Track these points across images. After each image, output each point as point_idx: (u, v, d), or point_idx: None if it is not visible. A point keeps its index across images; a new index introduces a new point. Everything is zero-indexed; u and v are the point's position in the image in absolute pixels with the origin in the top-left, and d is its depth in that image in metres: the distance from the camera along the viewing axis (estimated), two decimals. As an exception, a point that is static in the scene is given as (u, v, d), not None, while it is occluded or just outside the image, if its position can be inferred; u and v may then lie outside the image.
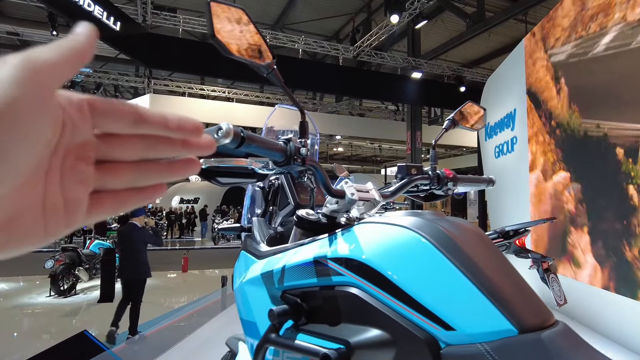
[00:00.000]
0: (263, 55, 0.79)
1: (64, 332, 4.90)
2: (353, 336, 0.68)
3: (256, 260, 0.95)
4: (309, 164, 0.79)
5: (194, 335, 3.57)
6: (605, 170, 3.53)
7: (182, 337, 3.50)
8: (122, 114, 0.26)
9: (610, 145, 3.44)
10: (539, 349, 0.59)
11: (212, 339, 3.44)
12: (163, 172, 0.29)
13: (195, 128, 0.29)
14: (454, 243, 0.68)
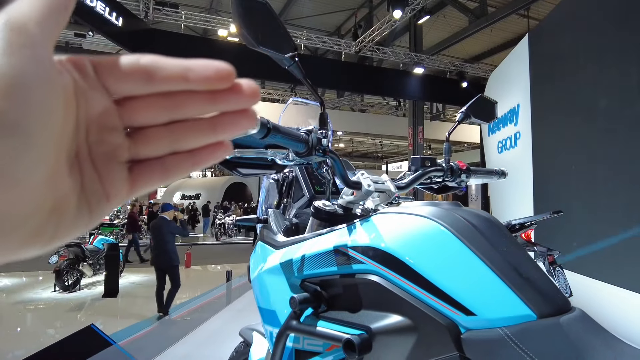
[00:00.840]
0: (285, 47, 0.80)
1: (69, 326, 4.95)
2: (374, 322, 0.70)
3: (274, 250, 0.96)
4: (329, 154, 0.80)
5: (200, 329, 3.61)
6: None
7: (188, 332, 3.53)
8: (129, 72, 0.22)
9: None
10: (557, 333, 0.61)
11: (219, 332, 3.47)
12: (206, 130, 0.25)
13: (222, 76, 0.23)
14: (472, 231, 0.70)
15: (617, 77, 3.49)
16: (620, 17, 3.44)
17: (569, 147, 4.18)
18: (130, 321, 4.92)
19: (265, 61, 5.51)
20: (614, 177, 3.48)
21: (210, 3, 12.39)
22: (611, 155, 3.50)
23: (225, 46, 10.88)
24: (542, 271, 0.70)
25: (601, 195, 3.62)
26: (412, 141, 13.72)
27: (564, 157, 4.29)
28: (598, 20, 3.76)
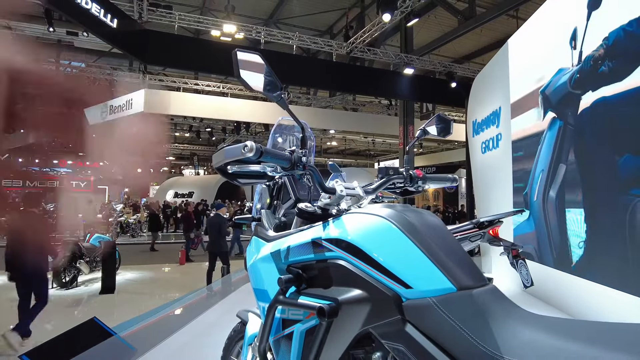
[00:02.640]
0: (273, 88, 1.03)
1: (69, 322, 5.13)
2: (340, 295, 0.93)
3: (265, 243, 1.19)
4: (308, 169, 1.03)
5: (198, 319, 3.81)
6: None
7: (186, 323, 3.74)
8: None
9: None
10: (470, 301, 0.85)
11: (216, 323, 3.68)
12: None
13: None
14: (413, 226, 0.93)
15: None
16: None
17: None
18: (128, 316, 5.12)
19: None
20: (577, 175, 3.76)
21: (203, 2, 12.51)
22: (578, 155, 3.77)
23: (218, 46, 11.03)
24: (466, 255, 0.94)
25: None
26: (403, 140, 13.96)
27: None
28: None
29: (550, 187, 4.20)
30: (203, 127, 22.30)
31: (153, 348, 3.38)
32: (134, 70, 15.67)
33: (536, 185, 4.53)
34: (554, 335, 0.74)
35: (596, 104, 3.47)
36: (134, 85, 14.28)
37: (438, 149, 27.24)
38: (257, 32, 11.41)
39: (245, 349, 1.49)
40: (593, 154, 3.56)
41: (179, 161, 38.55)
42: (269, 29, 11.95)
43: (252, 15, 13.03)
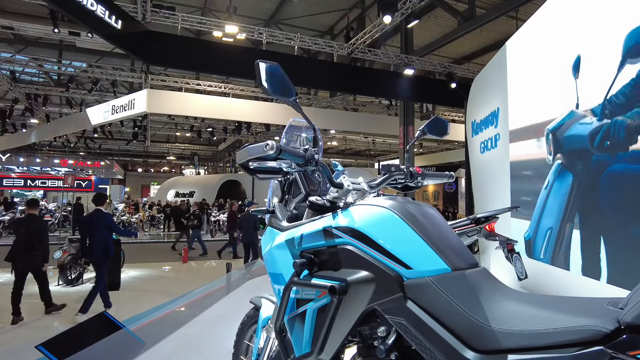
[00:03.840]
0: (289, 93, 1.16)
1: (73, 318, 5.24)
2: (349, 276, 1.06)
3: (280, 232, 1.32)
4: (319, 165, 1.16)
5: (205, 313, 3.94)
6: None
7: (193, 316, 3.86)
8: None
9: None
10: (463, 280, 0.97)
11: (224, 316, 3.80)
12: None
13: None
14: (413, 216, 1.06)
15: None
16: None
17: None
18: (134, 312, 5.25)
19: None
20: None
21: (204, 3, 12.63)
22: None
23: (220, 47, 11.16)
24: (459, 240, 1.07)
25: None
26: (403, 140, 14.09)
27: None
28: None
29: (561, 249, 3.51)
30: (204, 127, 22.44)
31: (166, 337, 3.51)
32: (136, 71, 15.80)
33: (543, 241, 3.76)
34: (531, 307, 0.87)
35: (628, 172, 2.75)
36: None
37: (438, 149, 27.38)
38: (259, 33, 11.53)
39: (259, 331, 1.62)
40: (617, 226, 2.88)
41: (179, 161, 38.73)
42: (271, 30, 12.07)
43: (253, 16, 13.15)
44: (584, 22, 3.27)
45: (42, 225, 5.56)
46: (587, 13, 3.26)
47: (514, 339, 0.82)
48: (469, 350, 0.87)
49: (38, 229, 5.24)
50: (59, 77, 16.67)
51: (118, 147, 31.30)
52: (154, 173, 40.33)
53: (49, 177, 30.18)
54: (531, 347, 0.80)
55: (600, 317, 0.74)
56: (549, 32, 4.25)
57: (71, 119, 18.06)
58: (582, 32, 3.24)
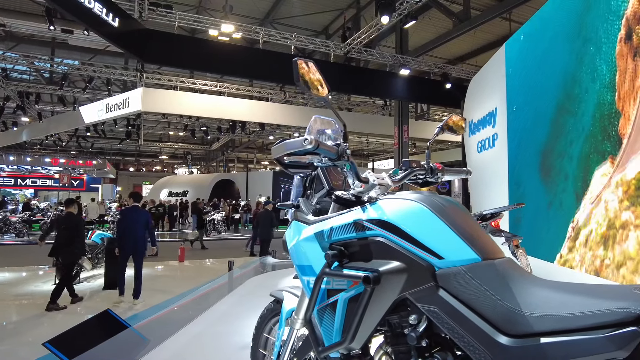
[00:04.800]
0: (323, 89, 1.19)
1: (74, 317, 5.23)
2: (381, 266, 1.10)
3: (306, 225, 1.36)
4: (350, 160, 1.20)
5: (209, 311, 3.95)
6: None
7: (198, 314, 3.88)
8: None
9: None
10: (492, 269, 1.02)
11: (228, 313, 3.82)
12: None
13: None
14: (441, 208, 1.11)
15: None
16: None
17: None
18: (133, 311, 5.24)
19: (254, 61, 6.18)
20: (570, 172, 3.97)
21: (200, 1, 12.60)
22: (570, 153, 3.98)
23: (217, 46, 11.15)
24: (484, 232, 1.12)
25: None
26: (397, 140, 14.16)
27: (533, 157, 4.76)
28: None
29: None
30: (198, 126, 22.35)
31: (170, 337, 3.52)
32: (129, 69, 15.70)
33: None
34: (561, 293, 0.92)
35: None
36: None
37: (431, 148, 27.48)
38: (256, 32, 11.54)
39: (281, 322, 1.65)
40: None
41: (172, 160, 38.50)
42: (268, 29, 12.08)
43: (248, 15, 13.14)
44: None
45: (80, 221, 6.10)
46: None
47: (546, 322, 0.87)
48: (502, 335, 0.91)
49: (76, 225, 5.85)
50: (51, 75, 16.51)
51: (110, 146, 31.05)
52: (146, 172, 40.04)
53: (39, 176, 29.87)
54: (564, 329, 0.84)
55: (631, 301, 0.79)
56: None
57: (64, 118, 17.90)
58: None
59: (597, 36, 3.74)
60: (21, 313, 5.48)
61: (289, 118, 15.97)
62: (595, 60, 3.75)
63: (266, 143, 30.35)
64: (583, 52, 3.95)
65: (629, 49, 3.37)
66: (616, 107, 3.50)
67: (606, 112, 3.60)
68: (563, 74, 4.28)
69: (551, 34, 4.57)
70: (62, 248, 5.78)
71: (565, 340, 0.83)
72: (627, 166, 3.29)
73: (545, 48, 4.64)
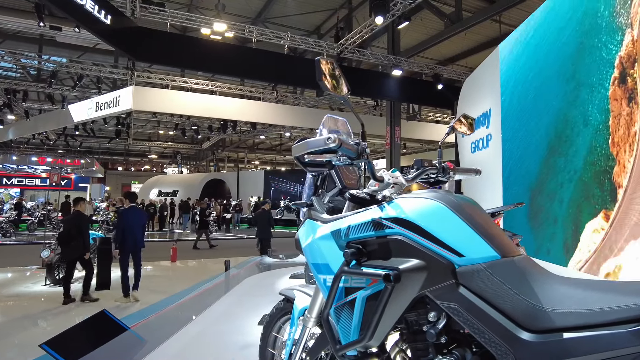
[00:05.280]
0: (343, 88, 1.20)
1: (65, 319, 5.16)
2: (401, 265, 1.11)
3: (322, 224, 1.36)
4: (369, 159, 1.21)
5: (207, 311, 3.93)
6: None
7: (196, 314, 3.85)
8: None
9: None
10: (512, 266, 1.03)
11: (227, 313, 3.80)
12: None
13: None
14: (460, 206, 1.12)
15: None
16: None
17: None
18: (127, 312, 5.18)
19: (246, 60, 6.17)
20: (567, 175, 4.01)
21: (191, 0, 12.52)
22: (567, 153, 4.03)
23: (209, 44, 11.08)
24: (501, 230, 1.13)
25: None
26: (389, 140, 14.22)
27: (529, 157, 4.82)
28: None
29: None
30: (189, 125, 22.19)
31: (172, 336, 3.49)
32: (119, 67, 15.52)
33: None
34: (581, 289, 0.94)
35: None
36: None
37: (421, 149, 27.77)
38: (249, 31, 11.50)
39: (293, 321, 1.64)
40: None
41: (161, 159, 38.15)
42: (261, 28, 12.05)
43: (240, 14, 13.09)
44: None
45: (81, 220, 6.18)
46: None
47: (568, 318, 0.88)
48: (523, 330, 0.93)
49: (77, 224, 5.97)
50: (38, 72, 16.25)
51: (99, 145, 30.66)
52: (135, 172, 39.64)
53: (26, 175, 29.38)
54: (587, 325, 0.86)
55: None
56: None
57: (52, 116, 17.64)
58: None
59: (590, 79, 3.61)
60: (8, 314, 5.39)
61: (281, 118, 15.94)
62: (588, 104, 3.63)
63: (257, 143, 30.26)
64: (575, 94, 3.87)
65: (622, 93, 3.21)
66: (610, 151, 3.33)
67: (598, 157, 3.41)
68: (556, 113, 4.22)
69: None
70: (63, 245, 6.03)
71: (589, 336, 0.85)
72: (624, 235, 3.05)
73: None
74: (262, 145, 31.50)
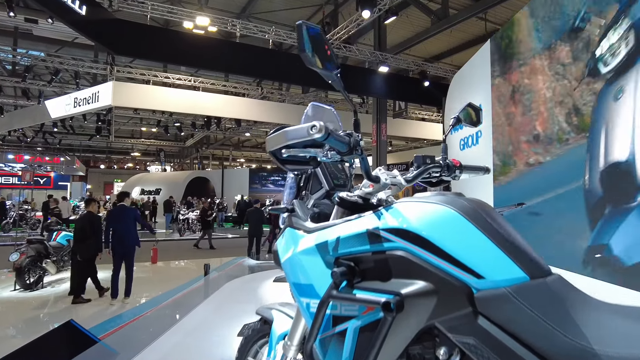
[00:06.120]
0: (331, 65, 0.97)
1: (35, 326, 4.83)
2: (403, 288, 0.87)
3: (305, 234, 1.12)
4: (363, 154, 0.98)
5: (185, 320, 3.66)
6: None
7: (172, 324, 3.58)
8: None
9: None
10: (546, 290, 0.81)
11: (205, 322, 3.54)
12: None
13: None
14: (476, 213, 0.89)
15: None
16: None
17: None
18: (101, 318, 4.86)
19: (229, 55, 5.80)
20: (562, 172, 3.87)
21: (174, -7, 12.14)
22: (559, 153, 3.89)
23: (191, 39, 10.72)
24: (527, 243, 0.91)
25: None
26: (375, 137, 14.07)
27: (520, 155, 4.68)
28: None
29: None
30: (172, 121, 21.69)
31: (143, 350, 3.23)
32: (99, 62, 15.01)
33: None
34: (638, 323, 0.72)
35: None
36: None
37: (406, 147, 27.73)
38: (232, 25, 11.17)
39: (271, 348, 1.41)
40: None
41: (144, 157, 37.39)
42: (245, 22, 11.73)
43: (224, 9, 12.75)
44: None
45: (93, 219, 6.12)
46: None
47: None
48: None
49: (89, 223, 5.96)
50: (13, 66, 15.62)
51: (80, 142, 29.86)
52: (118, 170, 38.80)
53: (2, 174, 28.45)
54: None
55: None
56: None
57: (28, 112, 17.00)
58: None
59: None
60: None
61: (266, 114, 15.62)
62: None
63: (242, 140, 29.81)
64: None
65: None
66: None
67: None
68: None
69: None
70: (78, 245, 6.07)
71: None
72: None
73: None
74: (247, 142, 31.05)
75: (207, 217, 12.25)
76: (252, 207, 10.14)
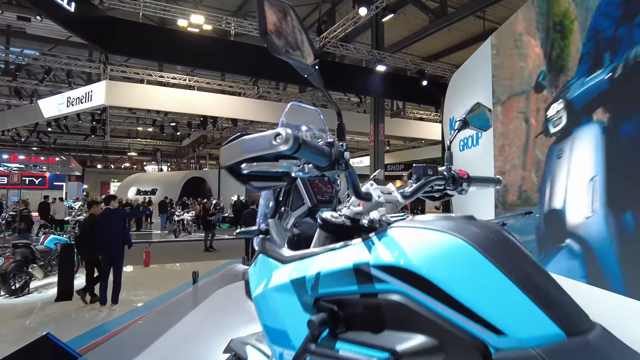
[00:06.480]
0: (306, 54, 0.76)
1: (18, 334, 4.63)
2: (399, 344, 0.67)
3: (280, 265, 0.91)
4: (350, 168, 0.77)
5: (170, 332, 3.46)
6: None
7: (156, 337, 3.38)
8: None
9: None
10: (589, 352, 0.61)
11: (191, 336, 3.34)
12: None
13: None
14: (493, 246, 0.68)
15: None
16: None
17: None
18: (88, 326, 4.65)
19: (225, 53, 5.49)
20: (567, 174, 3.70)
21: (169, -10, 11.92)
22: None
23: (186, 37, 10.50)
24: (560, 287, 0.70)
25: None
26: (373, 137, 13.90)
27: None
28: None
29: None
30: (167, 121, 21.45)
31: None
32: (93, 61, 14.77)
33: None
34: None
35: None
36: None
37: (404, 147, 27.53)
38: (227, 23, 10.96)
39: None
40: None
41: (141, 157, 37.10)
42: (239, 20, 11.51)
43: (219, 7, 12.55)
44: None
45: (94, 223, 5.98)
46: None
47: None
48: None
49: (89, 227, 5.92)
50: (6, 65, 15.37)
51: (75, 142, 29.59)
52: (114, 169, 38.49)
53: (-4, 174, 28.14)
54: None
55: None
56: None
57: (21, 111, 16.76)
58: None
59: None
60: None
61: (263, 114, 15.41)
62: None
63: (239, 140, 29.55)
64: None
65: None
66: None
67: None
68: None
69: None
70: (79, 249, 6.18)
71: None
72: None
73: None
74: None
75: (209, 217, 12.08)
76: (248, 208, 9.87)
